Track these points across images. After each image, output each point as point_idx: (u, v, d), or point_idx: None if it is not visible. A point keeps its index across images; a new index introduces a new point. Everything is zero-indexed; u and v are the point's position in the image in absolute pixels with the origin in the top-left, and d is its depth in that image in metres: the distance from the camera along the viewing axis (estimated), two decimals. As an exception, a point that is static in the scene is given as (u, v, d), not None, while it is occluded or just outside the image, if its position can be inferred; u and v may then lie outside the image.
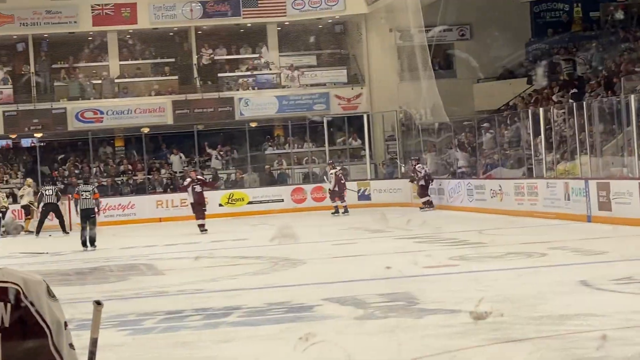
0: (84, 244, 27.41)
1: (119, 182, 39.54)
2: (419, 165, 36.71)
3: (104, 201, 32.31)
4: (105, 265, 22.27)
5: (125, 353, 10.90)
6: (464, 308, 12.75)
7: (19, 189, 36.27)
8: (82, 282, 19.15)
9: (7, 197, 36.69)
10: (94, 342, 3.48)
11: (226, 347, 11.41)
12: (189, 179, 31.88)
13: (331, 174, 36.04)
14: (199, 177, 31.82)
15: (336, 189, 35.74)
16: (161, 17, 42.39)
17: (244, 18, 42.94)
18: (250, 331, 12.43)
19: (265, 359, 10.63)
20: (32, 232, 33.67)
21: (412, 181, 36.78)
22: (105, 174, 40.35)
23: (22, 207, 35.29)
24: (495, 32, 40.86)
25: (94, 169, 40.90)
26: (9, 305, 3.29)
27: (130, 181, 40.27)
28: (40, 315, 3.35)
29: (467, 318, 12.01)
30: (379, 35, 42.50)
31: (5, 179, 39.85)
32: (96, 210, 28.68)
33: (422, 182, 35.59)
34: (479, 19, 42.29)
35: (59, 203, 32.48)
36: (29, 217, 34.93)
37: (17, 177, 40.18)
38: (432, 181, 36.10)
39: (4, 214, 34.77)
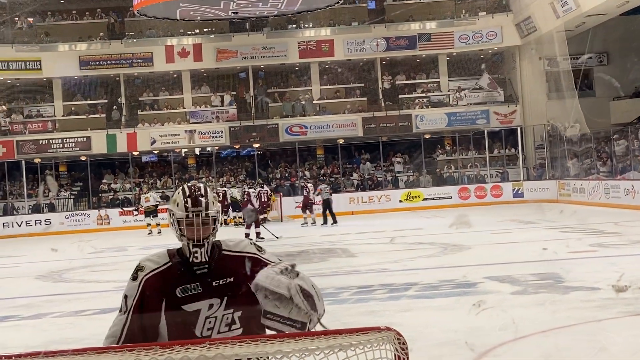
0: (325, 222, 31.60)
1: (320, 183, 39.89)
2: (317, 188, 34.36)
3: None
4: (309, 249, 22.52)
5: (325, 319, 10.97)
6: (603, 286, 12.48)
7: (243, 189, 36.46)
8: (291, 263, 19.34)
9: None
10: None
11: (407, 315, 11.42)
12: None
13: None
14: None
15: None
16: (353, 50, 42.72)
17: (419, 50, 42.94)
18: (426, 302, 12.42)
19: (438, 325, 10.58)
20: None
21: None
22: (309, 176, 40.84)
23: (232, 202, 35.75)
24: (630, 57, 39.79)
25: (300, 172, 41.48)
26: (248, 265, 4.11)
27: (329, 181, 40.58)
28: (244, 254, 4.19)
29: (605, 294, 11.76)
30: (530, 63, 41.87)
31: (230, 180, 40.65)
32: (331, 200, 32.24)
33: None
34: (615, 47, 41.34)
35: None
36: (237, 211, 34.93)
37: (239, 180, 40.99)
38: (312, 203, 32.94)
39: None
